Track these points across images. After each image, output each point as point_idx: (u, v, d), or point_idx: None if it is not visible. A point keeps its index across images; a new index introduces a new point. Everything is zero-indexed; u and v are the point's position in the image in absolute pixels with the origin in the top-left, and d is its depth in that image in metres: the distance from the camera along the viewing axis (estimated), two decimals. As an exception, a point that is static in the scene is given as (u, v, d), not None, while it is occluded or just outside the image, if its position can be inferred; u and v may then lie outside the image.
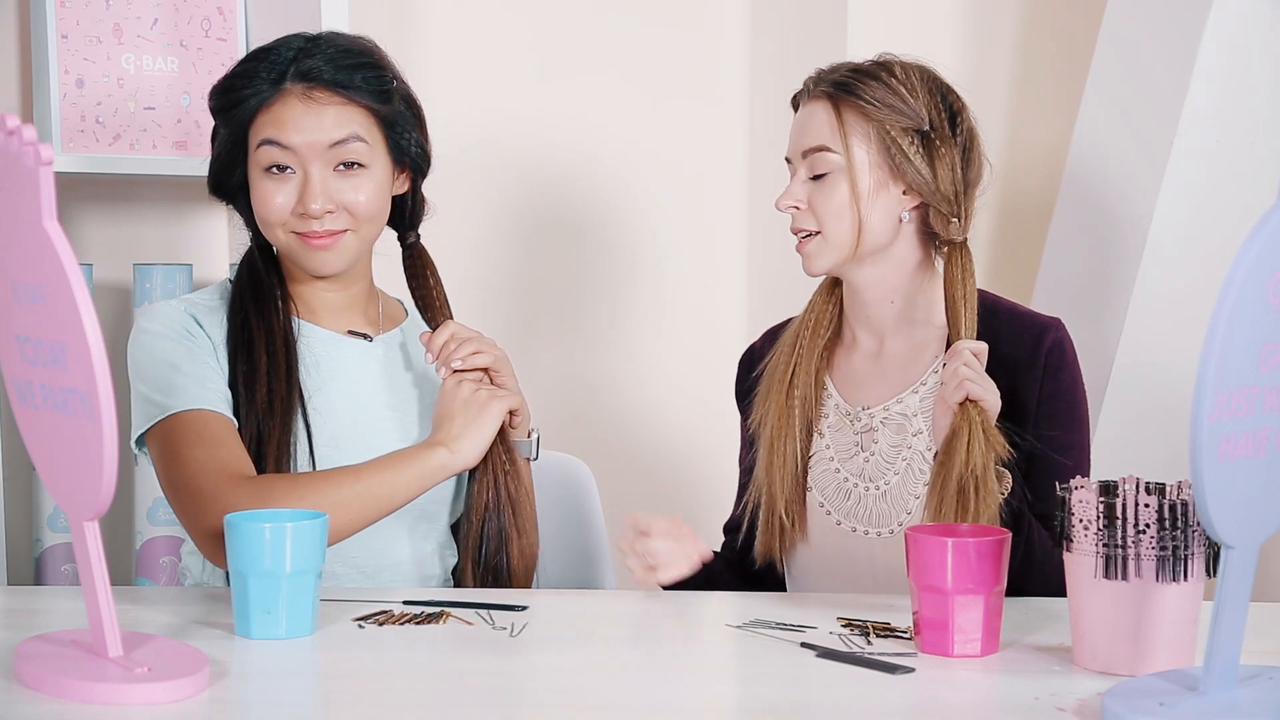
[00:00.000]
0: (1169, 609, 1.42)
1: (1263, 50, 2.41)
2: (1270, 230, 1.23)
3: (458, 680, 1.46)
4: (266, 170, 1.84)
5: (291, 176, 1.84)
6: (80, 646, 1.42)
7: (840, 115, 1.87)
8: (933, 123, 1.87)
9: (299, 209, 1.84)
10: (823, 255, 1.89)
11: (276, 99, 1.84)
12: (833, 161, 1.87)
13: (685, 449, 2.90)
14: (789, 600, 1.81)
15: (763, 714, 1.37)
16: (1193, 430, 1.22)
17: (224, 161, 1.89)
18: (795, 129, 1.93)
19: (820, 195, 1.88)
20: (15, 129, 1.30)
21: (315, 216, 1.83)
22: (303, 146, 1.83)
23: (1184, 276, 2.44)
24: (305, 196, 1.83)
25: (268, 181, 1.85)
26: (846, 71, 1.90)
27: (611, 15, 2.83)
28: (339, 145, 1.84)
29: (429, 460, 1.82)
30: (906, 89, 1.87)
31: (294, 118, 1.83)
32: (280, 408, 1.82)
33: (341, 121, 1.84)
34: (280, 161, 1.84)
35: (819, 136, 1.88)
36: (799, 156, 1.91)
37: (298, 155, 1.83)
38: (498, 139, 2.75)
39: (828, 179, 1.87)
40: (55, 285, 1.30)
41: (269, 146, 1.84)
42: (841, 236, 1.87)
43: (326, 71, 1.84)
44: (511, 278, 2.80)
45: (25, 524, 2.37)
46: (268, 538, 1.54)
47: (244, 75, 1.85)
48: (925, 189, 1.87)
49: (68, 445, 1.35)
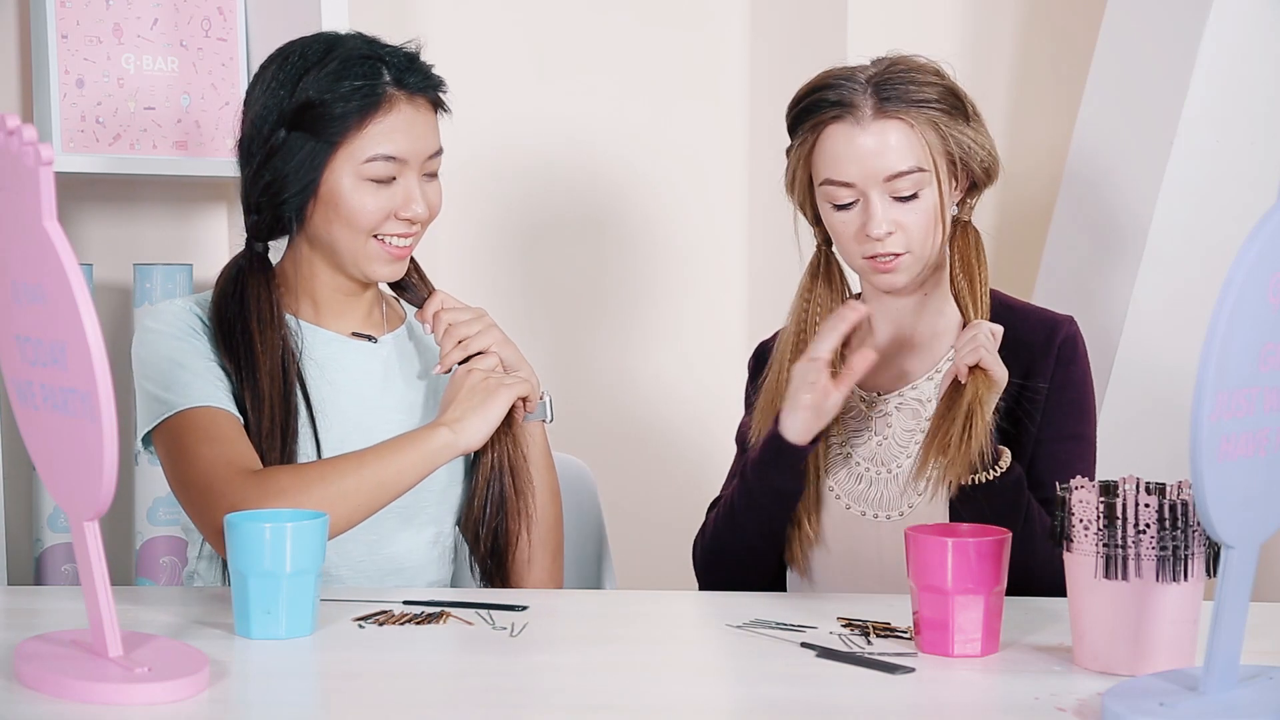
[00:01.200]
0: (1169, 609, 1.42)
1: (1263, 50, 2.41)
2: (1270, 230, 1.23)
3: (458, 680, 1.46)
4: (370, 182, 1.82)
5: (390, 186, 1.83)
6: (80, 646, 1.42)
7: (920, 132, 1.84)
8: (970, 109, 1.89)
9: (403, 213, 1.83)
10: (910, 270, 1.87)
11: (385, 110, 1.82)
12: (924, 180, 1.84)
13: (686, 449, 2.90)
14: (789, 600, 1.81)
15: (763, 714, 1.37)
16: (1193, 430, 1.22)
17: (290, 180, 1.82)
18: (865, 153, 1.84)
19: (910, 215, 1.84)
20: (15, 129, 1.30)
21: (416, 221, 1.85)
22: (411, 157, 1.83)
23: (1184, 276, 2.44)
24: (411, 203, 1.83)
25: (365, 195, 1.82)
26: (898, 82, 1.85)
27: (611, 15, 2.83)
28: (434, 156, 1.87)
29: (432, 441, 1.80)
30: (937, 77, 1.87)
31: (408, 126, 1.83)
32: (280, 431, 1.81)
33: (435, 131, 1.88)
34: (390, 174, 1.83)
35: (908, 159, 1.83)
36: (878, 181, 1.84)
37: (405, 165, 1.83)
38: (497, 139, 2.75)
39: (916, 199, 1.84)
40: (55, 285, 1.30)
41: (382, 163, 1.82)
42: (929, 252, 1.87)
43: (419, 81, 1.85)
44: (510, 278, 2.80)
45: (25, 524, 2.37)
46: (268, 538, 1.54)
47: (338, 87, 1.80)
48: (983, 164, 1.88)
49: (68, 445, 1.35)
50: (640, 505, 2.83)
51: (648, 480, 2.87)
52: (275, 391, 1.82)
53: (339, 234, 1.84)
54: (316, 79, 1.81)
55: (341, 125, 1.80)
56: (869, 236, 1.84)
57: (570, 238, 2.84)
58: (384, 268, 1.86)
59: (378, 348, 1.94)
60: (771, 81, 2.85)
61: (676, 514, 2.66)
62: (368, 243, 1.84)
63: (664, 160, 2.88)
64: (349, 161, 1.81)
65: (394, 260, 1.86)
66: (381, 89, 1.82)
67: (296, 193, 1.83)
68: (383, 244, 1.84)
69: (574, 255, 2.84)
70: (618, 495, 2.50)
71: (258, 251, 1.90)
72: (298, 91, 1.81)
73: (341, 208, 1.82)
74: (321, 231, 1.85)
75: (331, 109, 1.80)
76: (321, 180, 1.82)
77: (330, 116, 1.80)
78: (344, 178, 1.82)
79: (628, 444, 2.86)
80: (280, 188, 1.83)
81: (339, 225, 1.83)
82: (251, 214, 1.88)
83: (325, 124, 1.80)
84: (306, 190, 1.83)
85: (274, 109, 1.82)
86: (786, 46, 2.83)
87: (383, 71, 1.83)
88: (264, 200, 1.85)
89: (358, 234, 1.83)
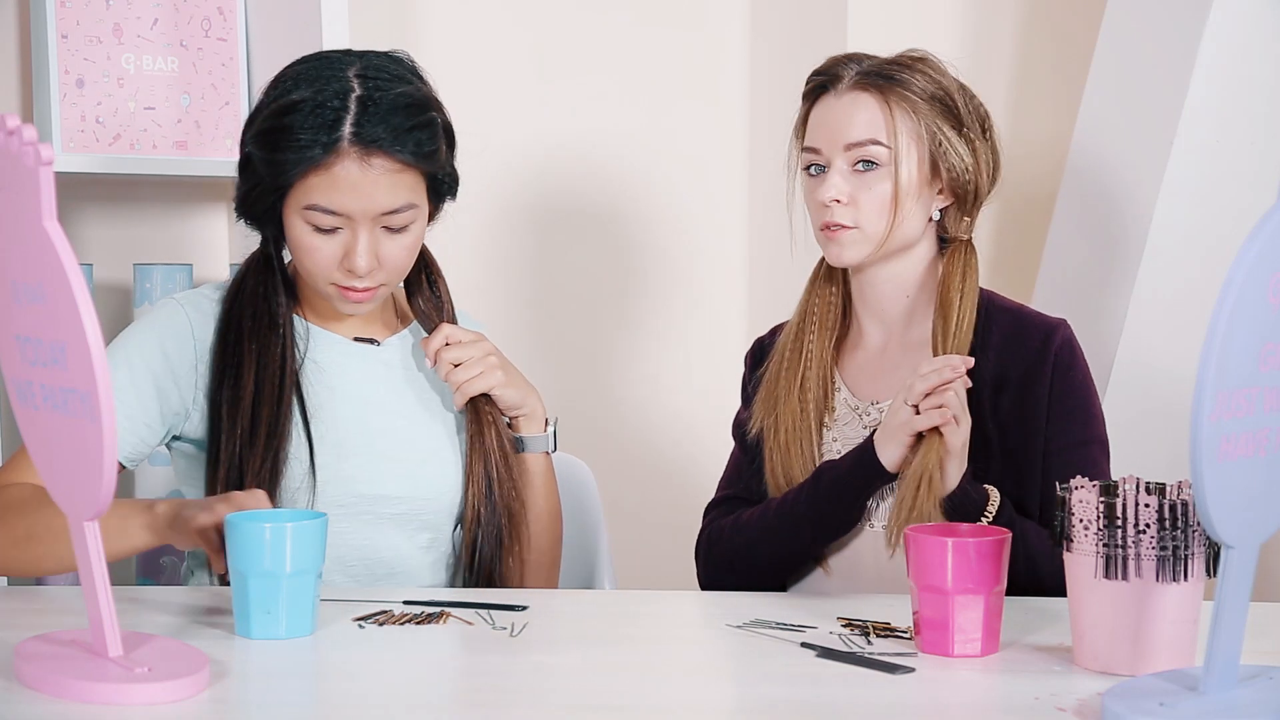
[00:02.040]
0: (1169, 609, 1.42)
1: (1263, 50, 2.40)
2: (1270, 230, 1.23)
3: (458, 680, 1.46)
4: (313, 228, 1.79)
5: (338, 234, 1.79)
6: (80, 646, 1.42)
7: (890, 108, 1.85)
8: (967, 120, 1.88)
9: (345, 264, 1.79)
10: (857, 246, 1.87)
11: (330, 161, 1.75)
12: (881, 155, 1.85)
13: (686, 449, 2.90)
14: (789, 600, 1.81)
15: (763, 714, 1.37)
16: (1193, 430, 1.22)
17: (256, 196, 1.82)
18: (831, 118, 1.88)
19: (864, 189, 1.85)
20: (15, 129, 1.30)
21: (360, 275, 1.80)
22: (357, 213, 1.77)
23: (1184, 276, 2.44)
24: (353, 256, 1.78)
25: (314, 237, 1.79)
26: (887, 63, 1.88)
27: (611, 15, 2.83)
28: (392, 214, 1.79)
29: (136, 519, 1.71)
30: (946, 82, 1.87)
31: (350, 185, 1.76)
32: (265, 433, 1.80)
33: (396, 189, 1.78)
34: (330, 225, 1.78)
35: (869, 129, 1.85)
36: (838, 148, 1.86)
37: (350, 220, 1.78)
38: (497, 139, 2.75)
39: (873, 173, 1.85)
40: (55, 285, 1.30)
41: (319, 213, 1.77)
42: (878, 231, 1.86)
43: (385, 138, 1.75)
44: (509, 278, 2.80)
45: (25, 524, 2.37)
46: (268, 538, 1.53)
47: (291, 129, 1.75)
48: (965, 183, 1.87)
49: (68, 445, 1.35)
50: (640, 505, 2.83)
51: (648, 480, 2.87)
52: (265, 394, 1.82)
53: (301, 266, 1.84)
54: (280, 113, 1.77)
55: (291, 168, 1.76)
56: (820, 203, 1.86)
57: (570, 238, 2.84)
58: (345, 306, 1.85)
59: (381, 351, 1.94)
60: (771, 81, 2.85)
61: (676, 514, 2.66)
62: (327, 286, 1.82)
63: (664, 160, 2.88)
64: (295, 203, 1.79)
65: (353, 303, 1.83)
66: (333, 144, 1.75)
67: (265, 212, 1.83)
68: (342, 290, 1.82)
69: (574, 255, 2.84)
70: (618, 495, 2.50)
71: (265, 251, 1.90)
72: (266, 119, 1.79)
73: (292, 245, 1.82)
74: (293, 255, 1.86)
75: (282, 154, 1.76)
76: (282, 209, 1.81)
77: (278, 162, 1.77)
78: (293, 216, 1.80)
79: (628, 444, 2.86)
80: (253, 202, 1.83)
81: (298, 259, 1.83)
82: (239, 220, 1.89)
83: (274, 167, 1.77)
84: (273, 214, 1.82)
85: (249, 127, 1.82)
86: (786, 46, 2.83)
87: (343, 123, 1.75)
88: (244, 210, 1.86)
89: (311, 276, 1.83)
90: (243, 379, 1.82)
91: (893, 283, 1.92)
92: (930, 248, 1.92)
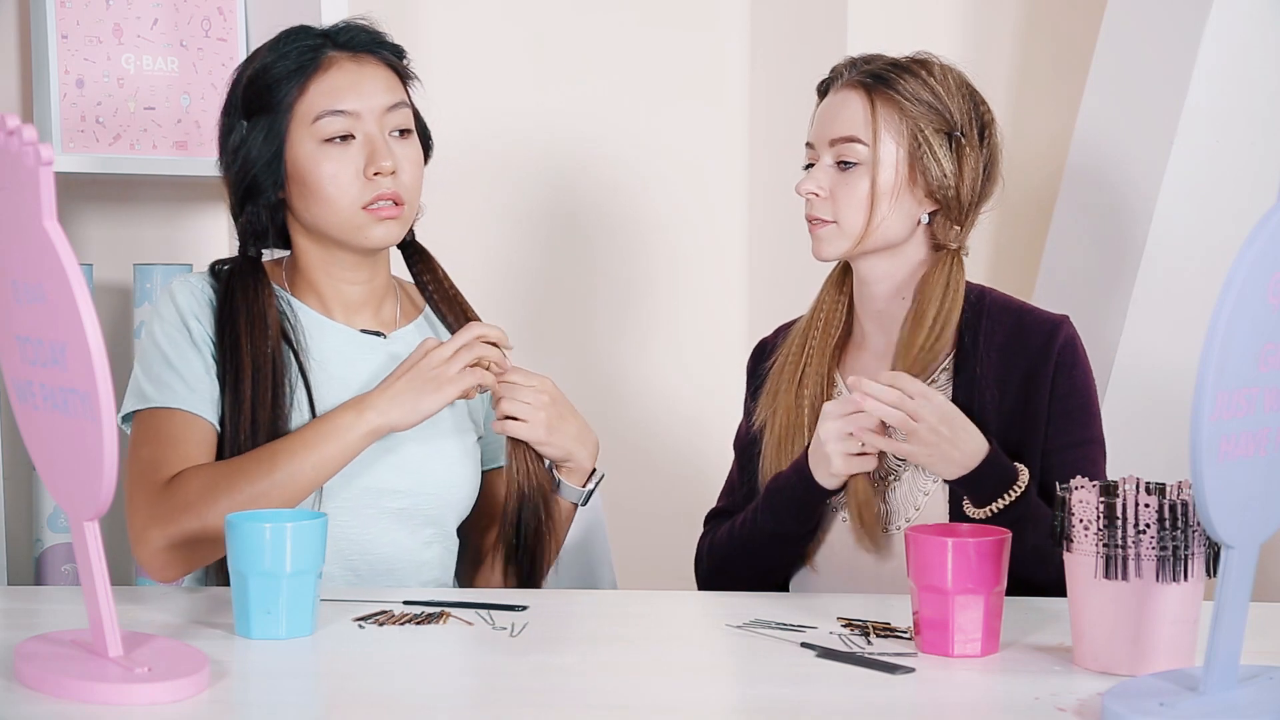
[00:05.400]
0: (1169, 609, 1.42)
1: (1263, 50, 2.41)
2: (1270, 230, 1.23)
3: (458, 680, 1.46)
4: (327, 142, 1.82)
5: (353, 144, 1.83)
6: (80, 646, 1.42)
7: (874, 107, 1.87)
8: (963, 127, 1.88)
9: (369, 171, 1.82)
10: (836, 241, 1.89)
11: (325, 67, 1.83)
12: (860, 153, 1.87)
13: (686, 449, 2.90)
14: (789, 600, 1.81)
15: (763, 714, 1.37)
16: (1193, 430, 1.22)
17: (264, 161, 1.84)
18: (824, 115, 1.92)
19: (843, 186, 1.87)
20: (15, 129, 1.30)
21: (387, 174, 1.82)
22: (364, 110, 1.83)
23: (1184, 276, 2.44)
24: (375, 155, 1.82)
25: (330, 154, 1.82)
26: (884, 64, 1.90)
27: (612, 15, 2.83)
28: (394, 110, 1.85)
29: (352, 429, 1.77)
30: (943, 88, 1.88)
31: (350, 82, 1.83)
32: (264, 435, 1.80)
33: (391, 86, 1.86)
34: (344, 130, 1.82)
35: (850, 126, 1.88)
36: (825, 144, 1.90)
37: (359, 120, 1.83)
38: (498, 139, 2.75)
39: (853, 170, 1.87)
40: (55, 285, 1.30)
41: (330, 117, 1.82)
42: (855, 228, 1.88)
43: (367, 43, 1.86)
44: (509, 278, 2.80)
45: (25, 524, 2.37)
46: (268, 538, 1.54)
47: (280, 58, 1.83)
48: (945, 191, 1.87)
49: (68, 445, 1.35)
50: (640, 505, 2.83)
51: (648, 480, 2.87)
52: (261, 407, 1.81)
53: (320, 213, 1.84)
54: (259, 61, 1.86)
55: (285, 89, 1.82)
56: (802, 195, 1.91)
57: (570, 238, 2.84)
58: (378, 230, 1.84)
59: (387, 343, 1.93)
60: (771, 82, 2.85)
61: (676, 514, 2.67)
62: (354, 213, 1.83)
63: (664, 161, 2.88)
64: (302, 127, 1.83)
65: (384, 221, 1.84)
66: (321, 51, 1.84)
67: (268, 176, 1.84)
68: (370, 210, 1.83)
69: (573, 256, 2.84)
70: (618, 495, 2.50)
71: (249, 255, 1.90)
72: (243, 78, 1.86)
73: (310, 181, 1.83)
74: (307, 217, 1.86)
75: (273, 74, 1.83)
76: (286, 157, 1.84)
77: (273, 84, 1.83)
78: (302, 146, 1.83)
79: (627, 444, 2.86)
80: (253, 179, 1.85)
81: (317, 204, 1.83)
82: (238, 218, 1.89)
83: (270, 93, 1.83)
84: (276, 171, 1.84)
85: (231, 107, 1.87)
86: (786, 47, 2.83)
87: (322, 38, 1.86)
88: (245, 198, 1.86)
89: (336, 207, 1.83)
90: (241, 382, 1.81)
91: (885, 283, 1.92)
92: (923, 251, 1.92)
